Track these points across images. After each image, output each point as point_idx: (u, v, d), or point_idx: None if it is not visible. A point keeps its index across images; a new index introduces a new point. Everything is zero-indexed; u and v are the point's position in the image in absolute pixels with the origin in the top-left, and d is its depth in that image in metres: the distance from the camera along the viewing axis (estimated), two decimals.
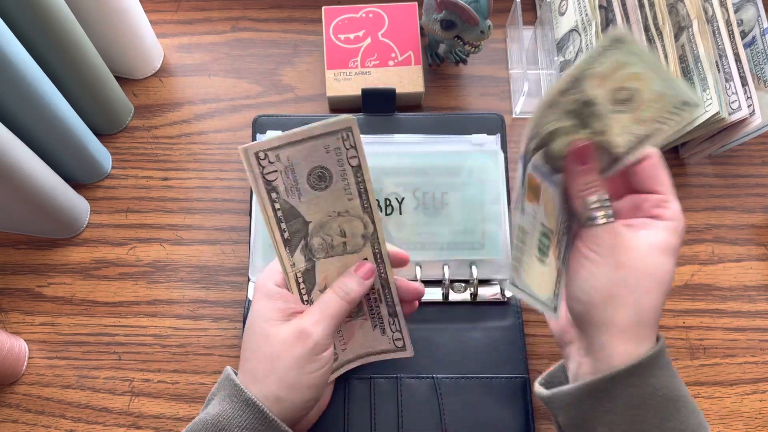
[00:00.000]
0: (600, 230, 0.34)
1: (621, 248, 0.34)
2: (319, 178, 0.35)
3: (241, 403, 0.36)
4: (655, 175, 0.36)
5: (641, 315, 0.33)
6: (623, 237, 0.34)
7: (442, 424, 0.46)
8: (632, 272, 0.34)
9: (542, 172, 0.36)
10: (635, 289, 0.33)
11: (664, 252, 0.34)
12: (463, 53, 0.58)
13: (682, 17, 0.53)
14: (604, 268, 0.34)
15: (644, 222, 0.35)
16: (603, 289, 0.34)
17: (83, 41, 0.50)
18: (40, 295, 0.53)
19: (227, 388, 0.37)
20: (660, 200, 0.36)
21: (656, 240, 0.34)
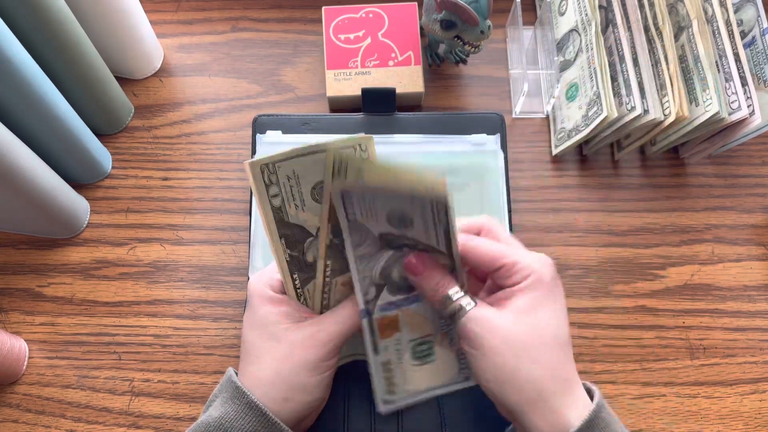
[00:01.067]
0: (465, 322, 0.34)
1: (490, 332, 0.34)
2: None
3: (244, 406, 0.36)
4: (483, 256, 0.36)
5: (544, 386, 0.33)
6: (488, 320, 0.34)
7: (442, 424, 0.46)
8: (508, 351, 0.33)
9: (397, 304, 0.37)
10: (523, 365, 0.33)
11: (533, 310, 0.34)
12: (463, 53, 0.58)
13: (681, 17, 0.53)
14: (484, 360, 0.34)
15: (505, 294, 0.35)
16: (495, 380, 0.33)
17: (83, 41, 0.50)
18: (41, 295, 0.53)
19: (229, 391, 0.37)
20: (506, 270, 0.35)
21: (522, 305, 0.34)
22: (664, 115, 0.50)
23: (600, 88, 0.51)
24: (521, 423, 0.34)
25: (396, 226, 0.34)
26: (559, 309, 0.35)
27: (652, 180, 0.57)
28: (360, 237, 0.34)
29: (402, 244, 0.35)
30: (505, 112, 0.59)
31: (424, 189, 0.31)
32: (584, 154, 0.58)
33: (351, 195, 0.33)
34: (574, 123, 0.55)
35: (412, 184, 0.32)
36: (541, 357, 0.33)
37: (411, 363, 0.38)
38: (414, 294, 0.37)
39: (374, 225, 0.34)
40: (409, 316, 0.38)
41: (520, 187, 0.57)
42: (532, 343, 0.33)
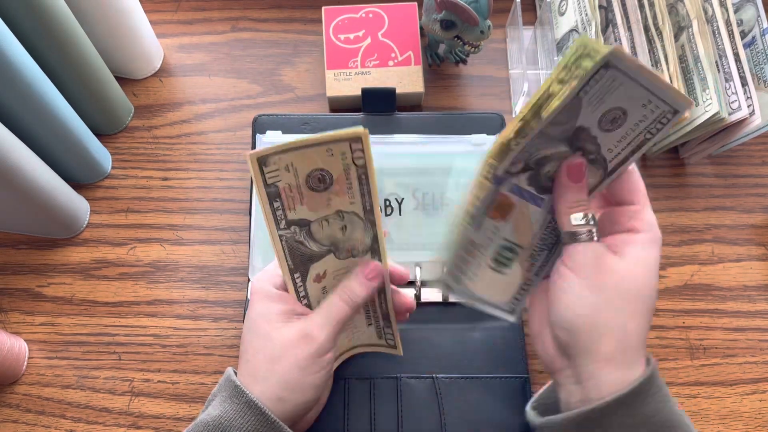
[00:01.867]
0: (582, 248, 0.34)
1: (603, 270, 0.33)
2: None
3: (243, 405, 0.36)
4: (631, 185, 0.35)
5: (627, 340, 0.32)
6: (606, 258, 0.33)
7: (442, 424, 0.46)
8: (615, 295, 0.33)
9: (524, 194, 0.36)
10: (619, 314, 0.33)
11: (645, 270, 0.33)
12: (463, 53, 0.58)
13: (681, 17, 0.53)
14: (585, 291, 0.33)
15: (624, 240, 0.34)
16: (586, 316, 0.33)
17: (83, 41, 0.50)
18: (40, 295, 0.53)
19: (228, 389, 0.37)
20: (634, 212, 0.35)
21: (637, 259, 0.33)
22: None
23: None
24: (583, 368, 0.33)
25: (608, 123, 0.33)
26: (658, 274, 0.34)
27: (652, 180, 0.57)
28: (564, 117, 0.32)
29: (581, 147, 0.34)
30: (505, 112, 0.59)
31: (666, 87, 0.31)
32: None
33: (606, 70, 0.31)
34: None
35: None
36: (640, 315, 0.33)
37: (488, 261, 0.37)
38: (544, 198, 0.36)
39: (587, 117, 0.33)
40: (522, 215, 0.36)
41: None
42: (638, 300, 0.33)
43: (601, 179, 0.35)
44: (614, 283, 0.33)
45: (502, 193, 0.35)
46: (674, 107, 0.32)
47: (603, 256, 0.33)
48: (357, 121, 0.56)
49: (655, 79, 0.31)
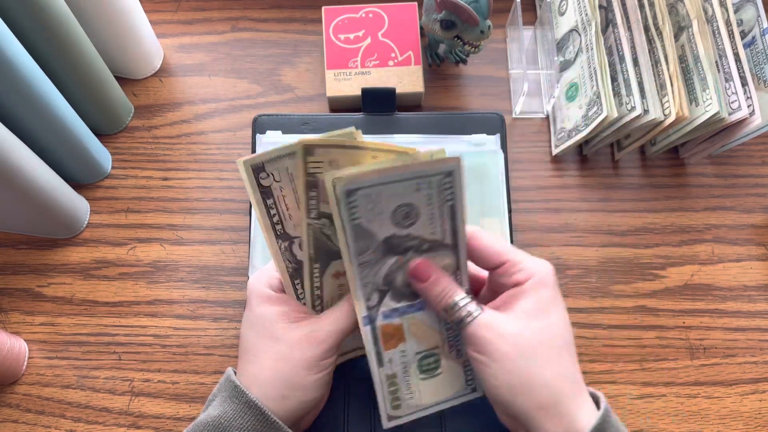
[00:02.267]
0: (473, 329, 0.34)
1: (499, 338, 0.33)
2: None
3: (243, 405, 0.36)
4: (488, 249, 0.36)
5: (554, 392, 0.32)
6: (496, 325, 0.34)
7: (442, 424, 0.46)
8: (520, 356, 0.33)
9: (400, 311, 0.36)
10: (535, 370, 0.33)
11: (541, 313, 0.33)
12: (463, 53, 0.58)
13: (681, 17, 0.53)
14: (495, 365, 0.33)
15: (510, 295, 0.35)
16: (506, 386, 0.33)
17: (83, 41, 0.50)
18: (40, 295, 0.53)
19: (228, 390, 0.37)
20: (509, 267, 0.35)
21: (526, 311, 0.34)
22: (664, 115, 0.50)
23: (600, 88, 0.51)
24: (531, 429, 0.33)
25: (401, 223, 0.34)
26: (564, 311, 0.35)
27: (652, 180, 0.57)
28: (364, 244, 0.34)
29: (407, 247, 0.35)
30: (505, 112, 0.59)
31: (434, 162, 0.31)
32: (584, 154, 0.58)
33: (357, 192, 0.32)
34: (574, 123, 0.55)
35: (421, 162, 0.31)
36: (553, 360, 0.33)
37: (418, 377, 0.38)
38: (419, 301, 0.37)
39: (379, 227, 0.34)
40: (415, 326, 0.37)
41: (520, 187, 0.57)
42: (544, 347, 0.33)
43: (455, 257, 0.35)
44: (513, 347, 0.33)
45: (382, 326, 0.36)
46: (443, 171, 0.31)
47: (493, 326, 0.34)
48: (357, 121, 0.56)
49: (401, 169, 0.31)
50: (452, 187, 0.32)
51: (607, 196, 0.57)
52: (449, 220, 0.34)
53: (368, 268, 0.34)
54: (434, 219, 0.34)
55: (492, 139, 0.53)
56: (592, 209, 0.56)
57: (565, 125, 0.56)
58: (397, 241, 0.34)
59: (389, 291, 0.36)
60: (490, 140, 0.53)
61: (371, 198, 0.32)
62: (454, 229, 0.34)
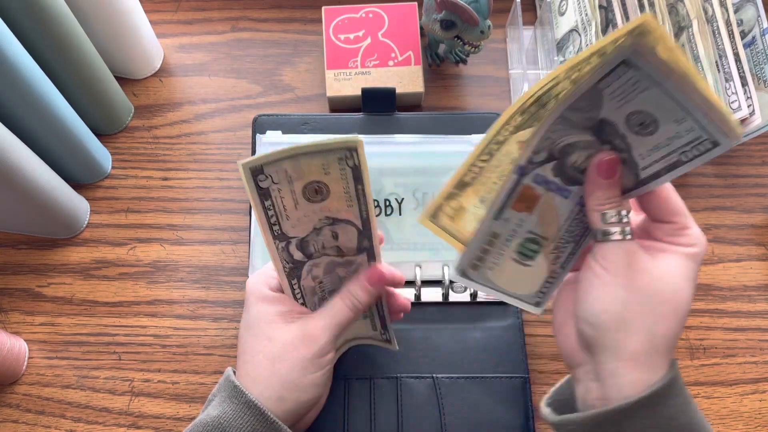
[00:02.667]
0: (614, 247, 0.33)
1: (636, 269, 0.32)
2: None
3: (242, 405, 0.36)
4: (669, 206, 0.34)
5: (655, 343, 0.32)
6: (639, 257, 0.32)
7: (442, 424, 0.46)
8: (647, 296, 0.32)
9: (550, 185, 0.35)
10: (650, 315, 0.32)
11: (683, 278, 0.32)
12: (463, 53, 0.58)
13: (681, 17, 0.53)
14: (616, 289, 0.32)
15: (663, 246, 0.33)
16: (615, 312, 0.32)
17: (83, 41, 0.50)
18: (40, 295, 0.53)
19: (227, 390, 0.37)
20: (676, 228, 0.33)
21: (674, 265, 0.32)
22: None
23: None
24: (604, 366, 0.33)
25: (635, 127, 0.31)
26: (694, 287, 0.33)
27: None
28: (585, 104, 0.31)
29: (610, 141, 0.32)
30: None
31: None
32: None
33: None
34: None
35: None
36: (670, 320, 0.32)
37: (512, 254, 0.36)
38: (572, 189, 0.35)
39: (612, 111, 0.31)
40: (548, 207, 0.35)
41: None
42: (671, 305, 0.32)
43: (632, 185, 0.34)
44: (645, 284, 0.32)
45: (526, 185, 0.34)
46: (714, 136, 0.28)
47: (636, 255, 0.32)
48: (357, 121, 0.56)
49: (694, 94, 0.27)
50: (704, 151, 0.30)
51: None
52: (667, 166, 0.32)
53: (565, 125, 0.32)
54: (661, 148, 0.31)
55: None
56: None
57: None
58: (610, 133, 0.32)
59: (557, 161, 0.34)
60: None
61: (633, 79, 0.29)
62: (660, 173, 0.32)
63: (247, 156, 0.56)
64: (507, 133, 0.33)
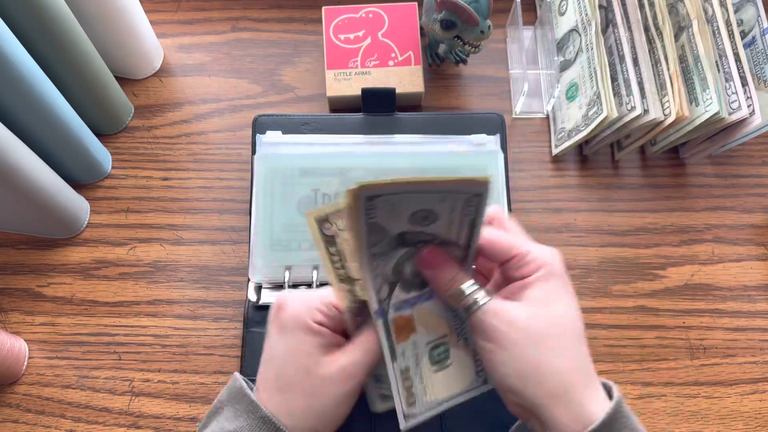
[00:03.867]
0: (481, 316, 0.33)
1: (506, 325, 0.32)
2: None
3: (258, 420, 0.35)
4: (497, 245, 0.35)
5: (566, 378, 0.32)
6: (506, 312, 0.33)
7: (442, 424, 0.46)
8: (529, 343, 0.32)
9: (410, 302, 0.36)
10: (544, 358, 0.32)
11: (550, 302, 0.33)
12: (463, 53, 0.58)
13: (682, 17, 0.53)
14: (504, 353, 0.32)
15: (519, 286, 0.34)
16: (515, 374, 0.33)
17: (83, 41, 0.50)
18: (40, 295, 0.53)
19: (243, 403, 0.36)
20: (518, 260, 0.34)
21: (535, 300, 0.33)
22: (664, 115, 0.50)
23: (600, 88, 0.51)
24: (541, 418, 0.33)
25: (419, 223, 0.33)
26: (573, 300, 0.34)
27: (652, 180, 0.57)
28: (377, 237, 0.33)
29: (418, 240, 0.34)
30: (505, 112, 0.59)
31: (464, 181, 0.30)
32: (584, 154, 0.58)
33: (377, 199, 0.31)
34: (574, 123, 0.55)
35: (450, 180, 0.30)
36: (564, 349, 0.32)
37: (429, 368, 0.37)
38: (427, 291, 0.37)
39: (394, 225, 0.33)
40: (424, 315, 0.37)
41: (520, 187, 0.57)
42: (554, 335, 0.32)
43: (464, 254, 0.35)
44: (522, 333, 0.32)
45: (394, 318, 0.36)
46: (471, 192, 0.31)
47: (500, 313, 0.33)
48: (357, 122, 0.56)
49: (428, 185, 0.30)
50: (478, 205, 0.32)
51: (607, 196, 0.57)
52: (467, 229, 0.34)
53: (379, 259, 0.34)
54: (453, 225, 0.33)
55: (492, 139, 0.53)
56: (592, 209, 0.56)
57: (565, 125, 0.56)
58: (411, 237, 0.34)
59: (398, 282, 0.36)
60: (490, 140, 0.53)
61: (391, 203, 0.31)
62: (469, 237, 0.34)
63: (247, 156, 0.57)
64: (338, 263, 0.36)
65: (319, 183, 0.51)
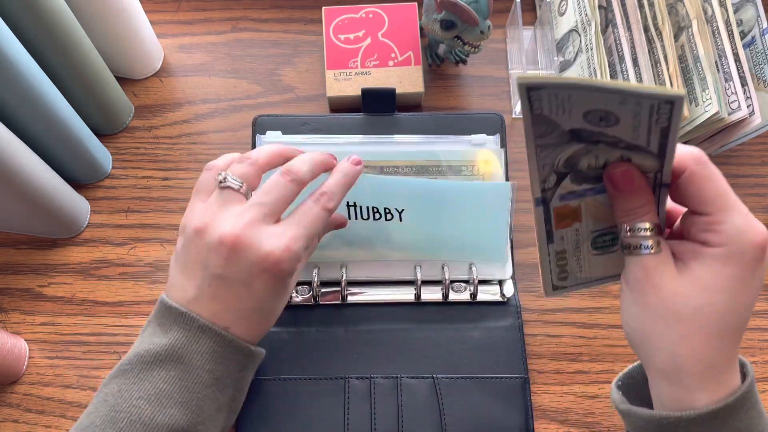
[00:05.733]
0: (633, 263, 0.31)
1: (650, 287, 0.30)
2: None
3: (197, 330, 0.37)
4: (697, 191, 0.30)
5: (678, 363, 0.30)
6: (656, 274, 0.30)
7: (443, 425, 0.46)
8: (661, 316, 0.30)
9: (580, 193, 0.34)
10: (667, 335, 0.30)
11: (707, 289, 0.29)
12: (463, 53, 0.58)
13: (681, 17, 0.53)
14: (633, 306, 0.31)
15: (694, 249, 0.30)
16: (636, 329, 0.31)
17: (83, 41, 0.50)
18: (41, 295, 0.53)
19: (172, 316, 0.37)
20: (708, 222, 0.29)
21: (698, 276, 0.29)
22: None
23: None
24: (648, 377, 0.32)
25: (595, 123, 0.29)
26: (744, 294, 0.29)
27: None
28: (545, 129, 0.30)
29: (598, 140, 0.31)
30: (505, 112, 0.59)
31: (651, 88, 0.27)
32: None
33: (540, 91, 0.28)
34: None
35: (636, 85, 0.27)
36: (693, 338, 0.29)
37: (590, 252, 0.35)
38: (601, 185, 0.33)
39: (566, 121, 0.30)
40: (594, 207, 0.34)
41: (520, 187, 0.56)
42: (692, 323, 0.29)
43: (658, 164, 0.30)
44: (658, 303, 0.30)
45: (556, 208, 0.33)
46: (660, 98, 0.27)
47: (654, 271, 0.30)
48: (357, 122, 0.56)
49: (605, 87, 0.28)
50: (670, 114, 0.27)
51: None
52: (658, 137, 0.29)
53: (548, 149, 0.31)
54: (639, 130, 0.29)
55: (492, 139, 0.53)
56: None
57: None
58: (587, 134, 0.31)
59: (570, 174, 0.33)
60: (490, 140, 0.53)
61: (560, 98, 0.28)
62: (661, 146, 0.29)
63: None
64: None
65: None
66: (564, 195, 0.33)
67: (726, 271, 0.29)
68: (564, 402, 0.49)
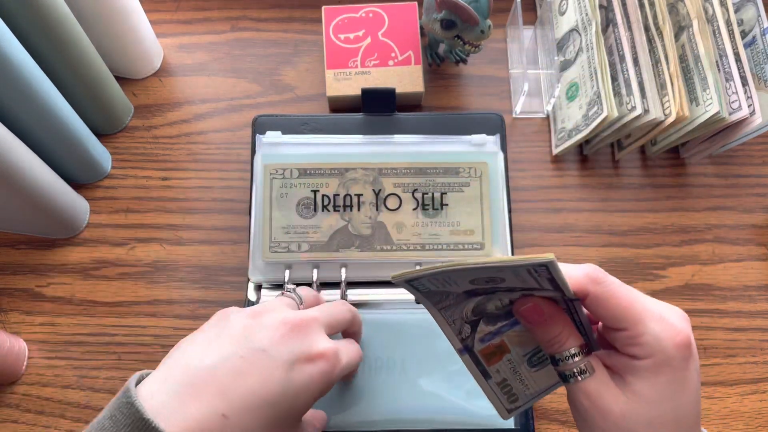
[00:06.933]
0: (575, 392, 0.31)
1: (599, 414, 0.30)
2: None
3: None
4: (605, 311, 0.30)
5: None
6: (600, 399, 0.30)
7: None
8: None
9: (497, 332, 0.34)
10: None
11: (652, 400, 0.29)
12: (463, 53, 0.58)
13: (682, 17, 0.53)
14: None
15: (625, 365, 0.30)
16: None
17: (83, 41, 0.50)
18: (40, 295, 0.53)
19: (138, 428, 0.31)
20: (628, 337, 0.29)
21: (640, 390, 0.29)
22: (665, 115, 0.50)
23: (600, 87, 0.51)
24: None
25: (484, 284, 0.31)
26: (687, 393, 0.29)
27: (652, 180, 0.57)
28: (439, 297, 0.31)
29: (495, 290, 0.32)
30: (505, 112, 0.59)
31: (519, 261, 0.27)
32: (584, 154, 0.58)
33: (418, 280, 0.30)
34: (574, 123, 0.54)
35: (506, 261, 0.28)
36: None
37: (529, 371, 0.35)
38: (514, 318, 0.34)
39: (455, 288, 0.31)
40: (516, 337, 0.34)
41: (520, 187, 0.56)
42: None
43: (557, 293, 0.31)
44: (613, 427, 0.30)
45: (481, 350, 0.34)
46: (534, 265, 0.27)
47: (597, 396, 0.30)
48: (357, 121, 0.56)
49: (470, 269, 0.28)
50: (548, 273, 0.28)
51: (608, 196, 0.57)
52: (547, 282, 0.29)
53: (451, 309, 0.32)
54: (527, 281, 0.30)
55: (492, 139, 0.53)
56: (592, 209, 0.56)
57: (566, 125, 0.56)
58: (482, 290, 0.32)
59: (482, 319, 0.34)
60: (490, 140, 0.53)
61: (438, 278, 0.30)
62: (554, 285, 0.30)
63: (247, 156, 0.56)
64: None
65: (319, 183, 0.51)
66: (483, 337, 0.34)
67: (662, 380, 0.29)
68: (564, 402, 0.49)
